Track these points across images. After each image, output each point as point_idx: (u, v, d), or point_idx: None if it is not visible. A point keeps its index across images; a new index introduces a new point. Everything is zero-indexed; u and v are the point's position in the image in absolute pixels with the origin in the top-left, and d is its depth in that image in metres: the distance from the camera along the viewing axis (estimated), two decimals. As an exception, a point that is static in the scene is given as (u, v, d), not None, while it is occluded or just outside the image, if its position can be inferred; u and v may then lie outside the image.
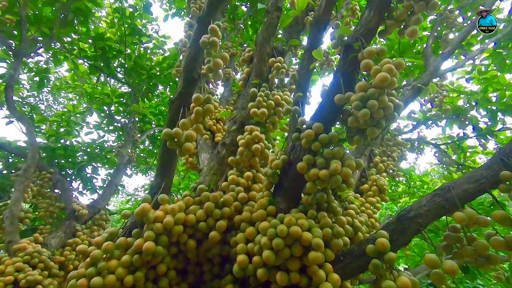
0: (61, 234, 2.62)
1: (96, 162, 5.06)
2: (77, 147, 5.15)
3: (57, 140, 4.96)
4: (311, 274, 1.21)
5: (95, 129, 5.88)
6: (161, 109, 6.52)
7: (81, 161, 5.01)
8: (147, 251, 1.30)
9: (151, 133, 6.17)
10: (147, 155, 7.25)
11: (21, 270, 2.09)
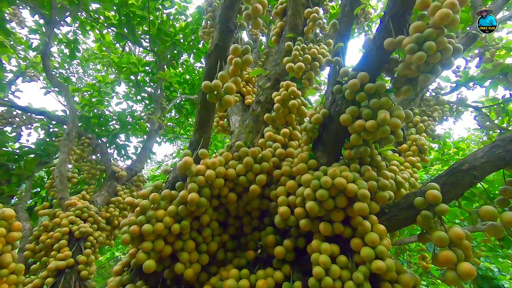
0: (104, 193, 2.81)
1: (128, 130, 5.26)
2: (109, 116, 5.36)
3: (91, 109, 5.17)
4: (355, 225, 1.20)
5: (124, 99, 6.05)
6: (186, 78, 6.52)
7: (114, 129, 5.24)
8: (191, 202, 1.34)
9: (177, 102, 6.25)
10: (174, 124, 7.42)
11: (74, 223, 2.29)
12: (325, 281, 1.10)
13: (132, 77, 5.83)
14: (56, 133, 4.30)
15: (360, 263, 1.15)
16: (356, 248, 1.16)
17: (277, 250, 1.32)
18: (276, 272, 1.31)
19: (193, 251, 1.42)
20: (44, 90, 4.99)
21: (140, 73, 5.84)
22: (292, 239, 1.35)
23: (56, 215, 2.34)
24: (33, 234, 2.27)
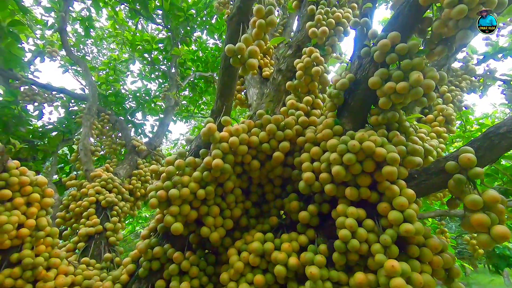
0: (126, 166, 2.90)
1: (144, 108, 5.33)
2: (125, 94, 5.43)
3: (108, 87, 5.24)
4: (382, 190, 1.18)
5: (139, 78, 6.08)
6: (199, 55, 6.44)
7: (130, 107, 5.31)
8: (216, 168, 1.35)
9: (191, 80, 6.22)
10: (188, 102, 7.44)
11: (100, 193, 2.39)
12: (352, 244, 1.11)
13: (146, 55, 5.82)
14: (76, 111, 4.41)
15: (387, 227, 1.14)
16: (383, 212, 1.15)
17: (301, 215, 1.33)
18: (300, 236, 1.32)
19: (217, 216, 1.45)
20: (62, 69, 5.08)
21: (154, 51, 5.81)
22: (316, 205, 1.35)
23: (83, 185, 2.44)
24: (63, 203, 2.39)
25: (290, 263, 1.20)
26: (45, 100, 3.92)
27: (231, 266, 1.33)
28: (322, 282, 1.12)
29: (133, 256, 1.62)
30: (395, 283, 0.97)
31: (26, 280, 1.52)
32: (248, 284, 1.26)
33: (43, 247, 1.62)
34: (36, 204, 1.65)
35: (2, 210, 1.49)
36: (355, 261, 1.15)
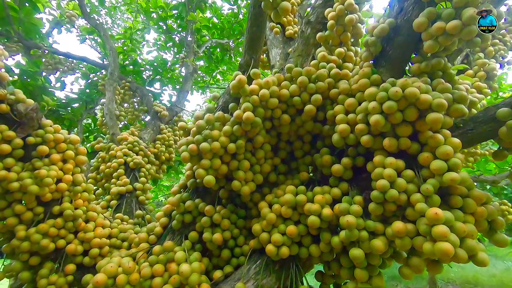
0: (150, 131, 2.94)
1: (162, 77, 5.30)
2: (142, 64, 5.39)
3: (125, 57, 5.21)
4: (424, 140, 1.12)
5: (155, 47, 5.99)
6: (214, 22, 6.22)
7: (148, 77, 5.30)
8: (246, 121, 1.33)
9: (207, 47, 6.07)
10: (204, 72, 7.34)
11: (128, 155, 2.45)
12: (390, 193, 1.08)
13: (161, 23, 5.68)
14: (96, 82, 4.46)
15: (428, 178, 1.10)
16: (424, 162, 1.10)
17: (335, 168, 1.31)
18: (333, 189, 1.31)
19: (248, 171, 1.45)
20: (78, 41, 5.06)
21: (168, 19, 5.66)
22: (350, 158, 1.32)
23: (111, 148, 2.51)
24: (93, 165, 2.48)
25: (324, 214, 1.20)
26: (67, 68, 3.95)
27: (263, 217, 1.34)
28: (358, 231, 1.11)
29: (165, 210, 1.67)
30: (438, 230, 0.94)
31: (68, 230, 1.62)
32: (280, 234, 1.27)
33: (80, 201, 1.70)
34: (71, 161, 1.71)
35: (41, 165, 1.56)
36: (392, 211, 1.13)
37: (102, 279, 1.23)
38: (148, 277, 1.32)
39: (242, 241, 1.50)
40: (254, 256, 1.40)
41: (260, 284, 1.28)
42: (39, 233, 1.51)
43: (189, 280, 1.25)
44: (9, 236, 1.60)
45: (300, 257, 1.32)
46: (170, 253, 1.39)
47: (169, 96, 5.12)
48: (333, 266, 1.28)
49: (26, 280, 1.55)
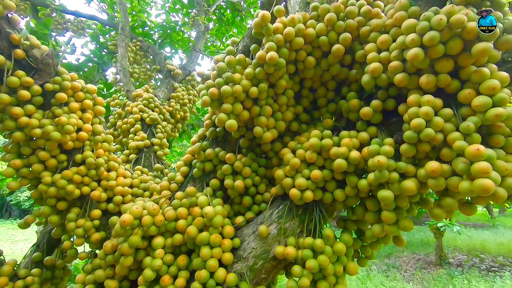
0: (164, 89, 2.89)
1: (172, 39, 5.13)
2: (151, 27, 5.21)
3: (134, 19, 5.03)
4: (467, 75, 1.03)
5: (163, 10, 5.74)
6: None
7: (158, 38, 5.14)
8: (270, 61, 1.25)
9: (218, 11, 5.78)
10: (213, 35, 7.07)
11: (144, 111, 2.43)
12: (425, 133, 1.01)
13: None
14: (106, 44, 4.35)
15: (468, 116, 1.02)
16: (465, 99, 1.02)
17: (363, 111, 1.24)
18: (361, 133, 1.25)
19: (269, 117, 1.40)
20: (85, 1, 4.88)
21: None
22: (379, 101, 1.24)
23: (126, 104, 2.49)
24: (110, 122, 2.49)
25: (352, 156, 1.15)
26: (77, 28, 3.85)
27: (286, 163, 1.32)
28: (388, 172, 1.07)
29: (185, 159, 1.67)
30: (478, 166, 0.89)
31: (91, 178, 1.65)
32: (304, 179, 1.25)
33: (101, 151, 1.71)
34: (90, 110, 1.70)
35: (61, 113, 1.55)
36: (426, 152, 1.08)
37: (128, 218, 1.26)
38: (172, 219, 1.34)
39: (264, 189, 1.50)
40: (276, 201, 1.40)
41: (283, 227, 1.29)
42: (64, 179, 1.54)
43: (212, 221, 1.26)
44: (36, 183, 1.64)
45: (323, 202, 1.30)
46: (193, 198, 1.40)
47: (180, 60, 4.99)
48: (357, 211, 1.26)
49: (55, 224, 1.62)
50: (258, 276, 1.27)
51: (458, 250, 11.42)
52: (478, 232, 14.00)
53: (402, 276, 8.46)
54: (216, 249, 1.23)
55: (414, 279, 8.28)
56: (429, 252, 11.22)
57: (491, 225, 16.29)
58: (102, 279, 1.42)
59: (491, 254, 10.55)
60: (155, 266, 1.25)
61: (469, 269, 8.75)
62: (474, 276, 7.87)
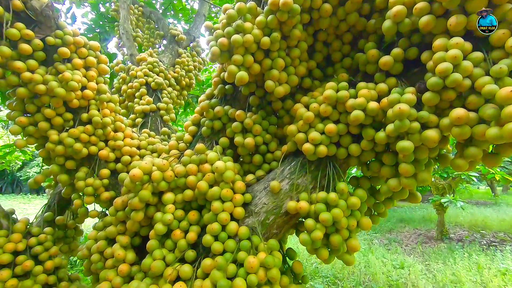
0: (168, 55, 2.80)
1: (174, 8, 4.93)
2: (152, -5, 4.98)
3: (134, -15, 4.80)
4: (502, 14, 0.94)
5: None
6: None
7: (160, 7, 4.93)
8: (284, 7, 1.16)
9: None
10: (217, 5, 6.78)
11: (148, 76, 2.36)
12: (452, 78, 0.94)
13: None
14: (107, 13, 4.19)
15: (501, 60, 0.95)
16: (499, 41, 0.94)
17: (383, 60, 1.16)
18: (379, 85, 1.18)
19: (282, 71, 1.33)
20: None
21: None
22: (401, 49, 1.16)
23: (131, 69, 2.42)
24: (115, 87, 2.43)
25: (370, 107, 1.10)
26: (76, -8, 3.68)
27: (299, 117, 1.26)
28: (409, 122, 1.01)
29: (193, 119, 1.63)
30: (511, 110, 0.83)
31: (98, 138, 1.62)
32: (318, 133, 1.20)
33: (107, 111, 1.67)
34: (94, 69, 1.64)
35: (64, 69, 1.49)
36: (450, 100, 1.01)
37: (138, 172, 1.24)
38: (182, 175, 1.32)
39: (274, 147, 1.46)
40: (288, 159, 1.37)
41: (295, 183, 1.26)
42: (71, 137, 1.52)
43: (223, 176, 1.24)
44: (43, 142, 1.62)
45: (337, 158, 1.27)
46: (202, 155, 1.37)
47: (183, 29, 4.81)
48: (373, 166, 1.22)
49: (64, 183, 1.62)
50: (269, 231, 1.26)
51: (459, 226, 11.59)
52: (480, 210, 14.12)
53: (403, 250, 8.66)
54: (227, 203, 1.22)
55: (415, 252, 8.47)
56: (430, 228, 11.41)
57: (493, 203, 16.39)
58: (113, 235, 1.43)
59: (492, 230, 10.70)
60: (166, 220, 1.25)
61: (469, 243, 8.91)
62: (475, 250, 8.03)
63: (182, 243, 1.24)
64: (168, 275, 1.13)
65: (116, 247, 1.36)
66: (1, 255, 1.48)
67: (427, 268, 7.05)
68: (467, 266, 6.81)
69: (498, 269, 6.49)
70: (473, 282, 5.96)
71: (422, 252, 8.45)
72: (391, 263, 7.22)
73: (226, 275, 1.08)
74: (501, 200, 16.96)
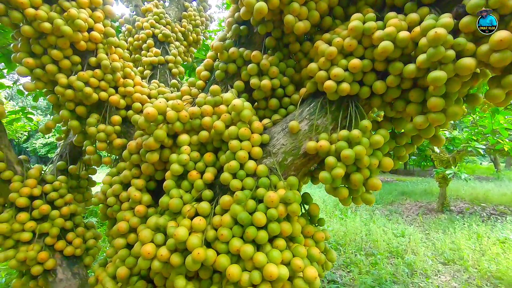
0: (174, 8, 2.65)
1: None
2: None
3: None
4: None
5: None
6: None
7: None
8: None
9: None
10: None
11: (155, 27, 2.25)
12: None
13: None
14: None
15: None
16: (553, -48, 0.84)
17: (416, -14, 1.07)
18: (410, 15, 1.09)
19: (302, 6, 1.24)
20: None
21: None
22: (437, -26, 1.06)
23: (136, 20, 2.30)
24: (120, 39, 2.32)
25: (400, 37, 1.02)
26: None
27: (321, 54, 1.19)
28: (444, 49, 0.94)
29: (205, 64, 1.56)
30: None
31: (108, 83, 1.57)
32: (341, 69, 1.14)
33: (115, 56, 1.60)
34: (100, 10, 1.55)
35: (69, 6, 1.41)
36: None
37: (153, 111, 1.20)
38: (197, 116, 1.28)
39: (292, 90, 1.40)
40: (307, 100, 1.31)
41: (315, 124, 1.22)
42: (81, 81, 1.46)
43: (241, 114, 1.19)
44: (52, 87, 1.57)
45: (360, 97, 1.21)
46: (217, 97, 1.32)
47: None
48: (397, 104, 1.17)
49: (76, 129, 1.59)
50: (287, 173, 1.24)
51: (460, 200, 11.75)
52: (482, 184, 14.23)
53: (403, 220, 8.84)
54: (245, 142, 1.19)
55: (415, 222, 8.65)
56: (431, 201, 11.58)
57: (495, 178, 16.48)
58: (128, 179, 1.42)
59: (493, 204, 10.84)
60: (183, 160, 1.22)
61: (470, 215, 9.06)
62: (475, 220, 8.17)
63: (198, 183, 1.22)
64: (187, 211, 1.13)
65: (132, 189, 1.36)
66: (18, 199, 1.49)
67: (427, 237, 7.23)
68: (466, 235, 6.97)
69: (497, 238, 6.64)
70: (472, 250, 6.13)
71: (422, 223, 8.64)
72: (391, 231, 7.41)
73: (245, 210, 1.08)
74: (504, 175, 17.03)
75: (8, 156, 1.56)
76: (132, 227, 1.31)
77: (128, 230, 1.31)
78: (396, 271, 5.29)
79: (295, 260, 1.00)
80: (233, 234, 1.05)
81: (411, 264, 5.58)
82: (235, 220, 1.07)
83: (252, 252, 0.99)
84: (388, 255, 6.08)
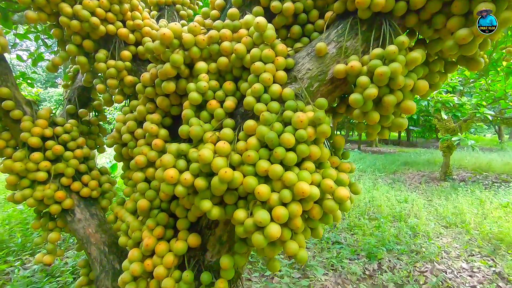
0: (178, -51, 2.44)
1: None
2: None
3: None
4: None
5: None
6: None
7: None
8: None
9: None
10: None
11: (160, -34, 2.07)
12: None
13: None
14: None
15: None
16: None
17: None
18: None
19: None
20: None
21: None
22: None
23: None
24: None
25: None
26: None
27: (353, -35, 1.07)
28: None
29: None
30: None
31: (115, 15, 1.46)
32: (377, -20, 1.02)
33: None
34: None
35: None
36: None
37: (168, 32, 1.10)
38: (215, 41, 1.19)
39: (316, 15, 1.29)
40: (334, 23, 1.21)
41: (344, 46, 1.13)
42: (86, 10, 1.35)
43: (264, 35, 1.10)
44: (55, 20, 1.47)
45: (394, 15, 1.11)
46: (236, 22, 1.22)
47: None
48: (437, 20, 1.05)
49: (84, 65, 1.50)
50: (313, 100, 1.17)
51: (463, 169, 11.81)
52: (486, 154, 14.24)
53: (406, 188, 8.94)
54: (269, 64, 1.10)
55: (418, 190, 8.76)
56: (434, 170, 11.64)
57: (499, 149, 16.47)
58: (143, 115, 1.36)
59: (495, 172, 10.89)
60: (201, 88, 1.15)
61: (472, 183, 9.14)
62: (478, 187, 8.25)
63: (219, 111, 1.16)
64: (209, 137, 1.07)
65: (147, 124, 1.30)
66: (30, 138, 1.45)
67: (430, 203, 7.33)
68: (469, 200, 7.05)
69: (500, 203, 6.72)
70: (474, 214, 6.23)
71: (425, 190, 8.74)
72: (395, 198, 7.51)
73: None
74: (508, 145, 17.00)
75: (16, 95, 1.49)
76: (150, 161, 1.27)
77: (146, 164, 1.27)
78: (399, 233, 5.41)
79: (326, 181, 0.96)
80: (260, 156, 1.00)
81: (414, 227, 5.70)
82: (261, 142, 1.01)
83: (282, 171, 0.94)
84: (391, 219, 6.20)
